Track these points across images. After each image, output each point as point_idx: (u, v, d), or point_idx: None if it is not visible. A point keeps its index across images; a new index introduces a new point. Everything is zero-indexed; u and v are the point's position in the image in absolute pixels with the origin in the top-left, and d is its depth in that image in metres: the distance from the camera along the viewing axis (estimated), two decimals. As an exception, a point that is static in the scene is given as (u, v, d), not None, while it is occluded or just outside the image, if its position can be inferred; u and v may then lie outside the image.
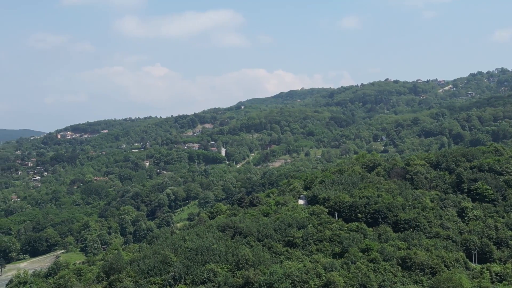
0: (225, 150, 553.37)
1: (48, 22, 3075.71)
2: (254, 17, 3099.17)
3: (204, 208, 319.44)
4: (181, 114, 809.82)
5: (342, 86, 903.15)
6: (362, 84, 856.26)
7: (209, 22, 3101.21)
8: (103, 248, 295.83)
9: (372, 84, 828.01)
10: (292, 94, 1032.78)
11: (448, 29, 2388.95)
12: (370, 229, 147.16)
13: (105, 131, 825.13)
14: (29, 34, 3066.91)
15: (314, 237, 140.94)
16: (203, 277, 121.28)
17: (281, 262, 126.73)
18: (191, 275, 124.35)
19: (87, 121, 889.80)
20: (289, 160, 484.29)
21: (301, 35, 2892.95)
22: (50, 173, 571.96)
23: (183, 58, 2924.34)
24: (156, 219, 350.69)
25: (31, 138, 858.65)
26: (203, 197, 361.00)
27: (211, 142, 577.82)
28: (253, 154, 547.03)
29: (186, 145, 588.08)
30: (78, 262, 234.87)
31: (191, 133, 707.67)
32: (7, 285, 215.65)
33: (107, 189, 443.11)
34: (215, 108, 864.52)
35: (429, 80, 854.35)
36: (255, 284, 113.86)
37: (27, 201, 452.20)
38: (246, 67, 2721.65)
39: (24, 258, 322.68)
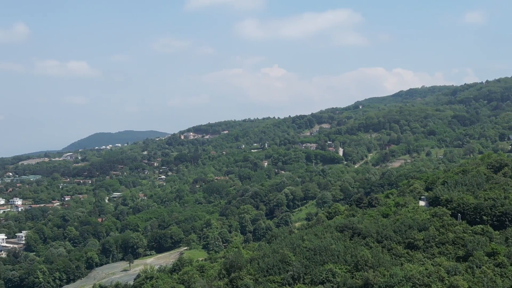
0: (342, 150, 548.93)
1: (174, 27, 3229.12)
2: (373, 16, 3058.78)
3: (322, 208, 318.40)
4: (298, 115, 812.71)
5: (465, 84, 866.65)
6: (487, 81, 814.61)
7: (327, 22, 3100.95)
8: (224, 246, 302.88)
9: (498, 80, 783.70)
10: (412, 93, 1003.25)
11: None
12: (497, 232, 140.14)
13: (225, 131, 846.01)
14: (156, 39, 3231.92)
15: (436, 239, 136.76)
16: (321, 277, 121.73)
17: (402, 264, 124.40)
18: (310, 274, 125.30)
19: (208, 122, 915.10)
20: (409, 160, 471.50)
21: (421, 32, 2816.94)
22: (174, 172, 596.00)
23: (300, 59, 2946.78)
24: (275, 218, 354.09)
25: (157, 139, 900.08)
26: (321, 197, 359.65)
27: (329, 142, 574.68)
28: (371, 154, 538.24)
29: (304, 145, 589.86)
30: (200, 259, 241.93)
31: (308, 133, 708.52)
32: (135, 279, 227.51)
33: (228, 188, 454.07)
34: (332, 108, 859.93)
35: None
36: (374, 286, 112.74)
37: (153, 199, 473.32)
38: (364, 66, 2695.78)
39: (151, 254, 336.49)
